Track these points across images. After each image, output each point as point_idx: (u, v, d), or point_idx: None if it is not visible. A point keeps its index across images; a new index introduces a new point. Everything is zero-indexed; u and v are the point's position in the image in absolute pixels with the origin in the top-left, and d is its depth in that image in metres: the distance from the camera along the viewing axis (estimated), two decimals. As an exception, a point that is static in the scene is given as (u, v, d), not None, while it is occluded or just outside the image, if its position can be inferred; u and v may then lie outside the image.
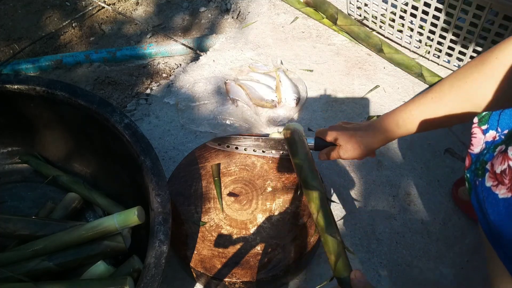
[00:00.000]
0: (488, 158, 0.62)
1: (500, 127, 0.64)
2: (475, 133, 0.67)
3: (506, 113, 0.64)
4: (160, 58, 1.45)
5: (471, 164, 0.66)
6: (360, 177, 1.07)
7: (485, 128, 0.66)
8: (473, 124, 0.68)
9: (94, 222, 0.83)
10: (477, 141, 0.67)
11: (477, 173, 0.63)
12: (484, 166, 0.61)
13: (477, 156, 0.65)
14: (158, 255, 0.71)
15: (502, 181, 0.56)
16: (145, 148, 0.81)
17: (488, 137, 0.65)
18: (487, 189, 0.59)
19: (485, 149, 0.64)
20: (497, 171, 0.57)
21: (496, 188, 0.57)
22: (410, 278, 0.92)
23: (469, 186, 0.64)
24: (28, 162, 1.03)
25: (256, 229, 0.87)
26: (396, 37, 1.34)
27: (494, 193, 0.57)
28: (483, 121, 0.67)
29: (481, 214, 0.61)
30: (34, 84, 0.89)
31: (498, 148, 0.61)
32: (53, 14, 1.61)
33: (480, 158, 0.64)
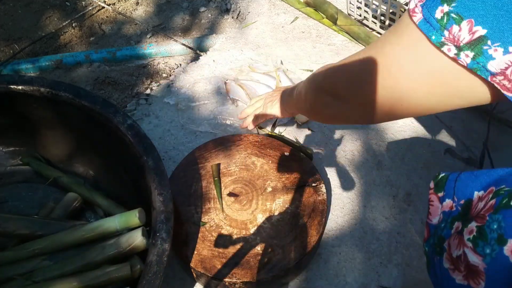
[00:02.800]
0: (446, 234, 0.58)
1: (456, 195, 0.59)
2: (432, 200, 0.63)
3: (462, 180, 0.59)
4: (160, 58, 1.45)
5: (429, 237, 0.62)
6: (360, 177, 1.07)
7: (441, 195, 0.61)
8: (430, 190, 0.63)
9: (95, 223, 0.83)
10: (434, 210, 0.62)
11: (435, 249, 0.59)
12: (442, 244, 0.58)
13: (435, 229, 0.61)
14: (160, 253, 0.71)
15: (459, 268, 0.53)
16: (147, 148, 0.82)
17: (445, 207, 0.61)
18: (445, 271, 0.56)
19: (442, 221, 0.60)
20: (454, 255, 0.54)
21: (453, 272, 0.54)
22: (410, 278, 0.92)
23: (427, 260, 0.61)
24: (30, 164, 1.03)
25: (256, 229, 0.87)
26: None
27: (451, 277, 0.54)
28: (439, 186, 0.62)
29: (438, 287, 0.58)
30: (38, 85, 0.89)
31: (455, 224, 0.57)
32: (53, 14, 1.61)
33: (438, 232, 0.60)
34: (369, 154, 1.11)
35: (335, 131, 1.16)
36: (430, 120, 1.16)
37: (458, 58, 0.46)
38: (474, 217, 0.53)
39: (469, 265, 0.50)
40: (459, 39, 0.45)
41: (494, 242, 0.48)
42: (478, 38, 0.44)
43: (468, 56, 0.46)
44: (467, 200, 0.57)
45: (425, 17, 0.47)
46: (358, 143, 1.13)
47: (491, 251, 0.48)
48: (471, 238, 0.51)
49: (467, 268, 0.51)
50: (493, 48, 0.44)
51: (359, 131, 1.15)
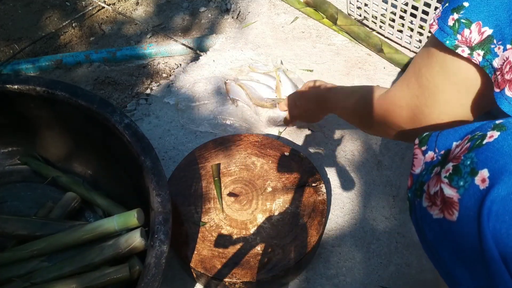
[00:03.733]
0: (426, 179, 0.62)
1: (437, 147, 0.64)
2: (416, 154, 0.67)
3: (443, 134, 0.64)
4: (160, 58, 1.45)
5: (412, 185, 0.67)
6: (360, 177, 1.07)
7: (424, 149, 0.66)
8: (415, 145, 0.68)
9: (94, 223, 0.83)
10: (417, 161, 0.67)
11: (416, 193, 0.64)
12: (422, 187, 0.62)
13: (417, 176, 0.66)
14: (158, 255, 0.71)
15: (435, 202, 0.57)
16: (145, 148, 0.81)
17: (427, 158, 0.65)
18: (423, 209, 0.60)
19: (424, 170, 0.65)
20: (431, 193, 0.58)
21: (431, 208, 0.58)
22: (410, 278, 0.92)
23: (409, 206, 0.66)
24: (28, 163, 1.03)
25: (256, 229, 0.87)
26: (396, 37, 1.34)
27: (429, 213, 0.59)
28: (422, 142, 0.67)
29: (420, 233, 0.63)
30: (34, 84, 0.88)
31: (435, 169, 0.62)
32: (53, 14, 1.61)
33: (420, 179, 0.65)
34: (369, 154, 1.11)
35: (335, 131, 1.15)
36: (430, 120, 1.16)
37: (472, 57, 0.54)
38: (451, 160, 0.58)
39: (445, 198, 0.55)
40: (471, 40, 0.53)
41: (467, 175, 0.53)
42: (487, 38, 0.52)
43: (480, 54, 0.53)
44: (446, 150, 0.62)
45: (440, 27, 0.57)
46: (358, 143, 1.13)
47: (464, 183, 0.53)
48: (447, 175, 0.56)
49: (442, 201, 0.56)
50: (497, 46, 0.50)
51: (359, 131, 1.15)
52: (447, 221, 0.55)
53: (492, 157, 0.52)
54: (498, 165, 0.50)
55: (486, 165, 0.51)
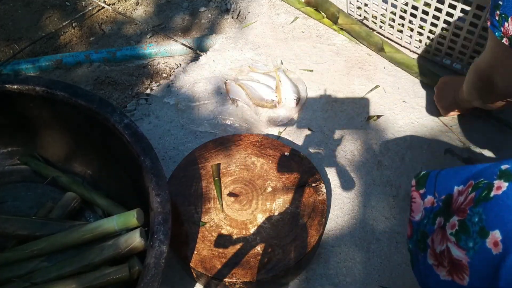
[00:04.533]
0: (429, 230, 0.58)
1: (437, 191, 0.60)
2: (414, 197, 0.64)
3: (443, 175, 0.61)
4: (160, 58, 1.45)
5: (413, 234, 0.62)
6: (360, 177, 1.07)
7: (422, 192, 0.62)
8: (412, 188, 0.64)
9: (94, 223, 0.83)
10: (416, 206, 0.63)
11: (419, 246, 0.60)
12: (426, 240, 0.58)
13: (417, 225, 0.62)
14: (158, 255, 0.71)
15: (442, 263, 0.53)
16: (145, 148, 0.81)
17: (426, 203, 0.61)
18: (429, 267, 0.56)
19: (425, 218, 0.61)
20: (437, 251, 0.54)
21: (438, 268, 0.54)
22: (410, 278, 0.91)
23: (411, 257, 0.62)
24: (28, 163, 1.03)
25: (256, 229, 0.87)
26: (396, 37, 1.34)
27: (436, 273, 0.55)
28: (420, 183, 0.63)
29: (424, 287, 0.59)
30: (34, 84, 0.88)
31: (438, 220, 0.57)
32: (53, 14, 1.61)
33: (421, 228, 0.60)
34: (369, 154, 1.11)
35: (335, 131, 1.15)
36: (430, 120, 1.16)
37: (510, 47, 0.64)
38: (455, 211, 0.54)
39: (453, 259, 0.51)
40: (509, 31, 0.63)
41: (476, 235, 0.49)
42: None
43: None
44: (447, 195, 0.58)
45: (491, 22, 0.66)
46: (358, 143, 1.13)
47: (473, 244, 0.49)
48: (453, 232, 0.52)
49: (450, 263, 0.51)
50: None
51: (359, 131, 1.15)
52: (456, 284, 0.51)
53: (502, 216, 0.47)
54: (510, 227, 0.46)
55: (497, 225, 0.47)
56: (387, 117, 1.17)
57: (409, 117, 1.17)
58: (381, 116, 1.18)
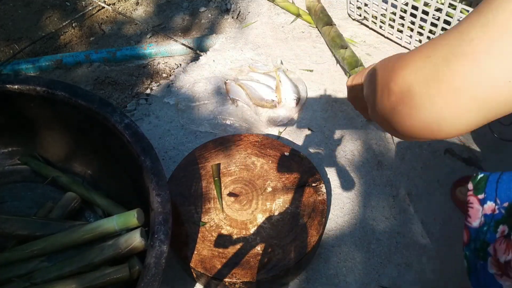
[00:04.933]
0: (490, 239, 0.56)
1: (499, 198, 0.57)
2: (472, 202, 0.61)
3: (504, 181, 0.58)
4: (160, 58, 1.45)
5: (470, 242, 0.60)
6: (360, 177, 1.07)
7: (482, 197, 0.59)
8: (469, 191, 0.62)
9: (94, 223, 0.83)
10: (474, 212, 0.60)
11: (478, 254, 0.57)
12: (486, 248, 0.55)
13: (476, 233, 0.59)
14: (158, 255, 0.71)
15: (507, 273, 0.51)
16: (145, 148, 0.81)
17: (486, 209, 0.59)
18: (490, 276, 0.54)
19: (484, 225, 0.58)
20: (501, 260, 0.52)
21: (501, 278, 0.52)
22: (410, 278, 0.92)
23: (468, 266, 0.59)
24: (28, 163, 1.03)
25: (256, 229, 0.87)
26: (396, 37, 1.34)
27: (498, 283, 0.53)
28: (479, 189, 0.60)
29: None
30: (34, 84, 0.88)
31: (500, 228, 0.55)
32: (53, 14, 1.61)
33: (481, 236, 0.58)
34: (369, 154, 1.11)
35: (335, 131, 1.15)
36: (430, 120, 1.16)
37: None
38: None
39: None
40: None
41: None
42: None
43: None
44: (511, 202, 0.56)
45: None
46: (358, 143, 1.13)
47: None
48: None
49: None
50: None
51: (359, 131, 1.15)
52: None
53: None
54: None
55: None
56: (387, 117, 1.17)
57: (409, 117, 1.17)
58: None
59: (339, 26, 1.42)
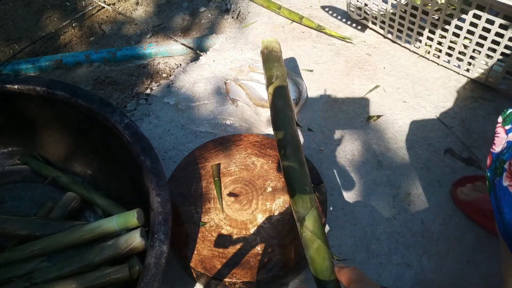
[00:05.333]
0: (507, 157, 0.61)
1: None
2: (498, 132, 0.66)
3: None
4: (160, 58, 1.45)
5: (492, 163, 0.65)
6: (360, 177, 1.07)
7: (508, 128, 0.65)
8: (497, 124, 0.67)
9: (94, 223, 0.83)
10: (499, 140, 0.66)
11: (496, 172, 0.62)
12: (503, 165, 0.60)
13: (497, 155, 0.64)
14: (158, 255, 0.71)
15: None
16: (145, 148, 0.81)
17: (510, 137, 0.64)
18: (504, 188, 0.58)
19: (505, 148, 0.63)
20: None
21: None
22: (410, 278, 0.92)
23: (489, 185, 0.64)
24: (28, 163, 1.03)
25: (256, 229, 0.87)
26: (396, 37, 1.34)
27: (510, 193, 0.57)
28: (507, 121, 0.66)
29: (497, 212, 0.61)
30: (34, 84, 0.88)
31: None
32: (53, 14, 1.61)
33: (500, 157, 0.63)
34: (369, 154, 1.11)
35: (335, 131, 1.15)
36: (430, 120, 1.16)
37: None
38: None
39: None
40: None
41: None
42: None
43: None
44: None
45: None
46: (358, 143, 1.13)
47: None
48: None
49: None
50: None
51: (359, 131, 1.15)
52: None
53: None
54: None
55: None
56: (387, 117, 1.17)
57: (409, 117, 1.17)
58: (381, 116, 1.18)
59: (339, 26, 1.42)
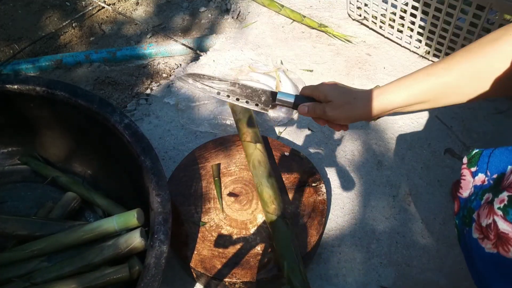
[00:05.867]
0: (475, 206, 0.59)
1: (489, 170, 0.61)
2: (464, 175, 0.64)
3: (496, 155, 0.61)
4: (160, 58, 1.45)
5: (460, 210, 0.63)
6: (360, 177, 1.07)
7: (474, 170, 0.63)
8: (462, 165, 0.65)
9: (94, 224, 0.83)
10: (466, 184, 0.64)
11: (464, 221, 0.60)
12: (471, 215, 0.59)
13: (465, 202, 0.63)
14: (158, 255, 0.71)
15: (488, 235, 0.54)
16: (145, 148, 0.81)
17: (477, 181, 0.62)
18: (474, 241, 0.57)
19: (473, 194, 0.61)
20: (483, 224, 0.55)
21: (483, 241, 0.55)
22: (410, 278, 0.92)
23: (458, 233, 0.63)
24: (28, 163, 1.03)
25: (256, 229, 0.87)
26: (396, 37, 1.34)
27: (481, 246, 0.56)
28: (472, 162, 0.64)
29: (469, 262, 0.60)
30: (34, 84, 0.88)
31: (486, 196, 0.58)
32: (53, 14, 1.61)
33: (468, 204, 0.61)
34: (369, 154, 1.11)
35: (335, 131, 1.15)
36: (430, 120, 1.16)
37: None
38: (506, 187, 0.54)
39: (499, 233, 0.52)
40: None
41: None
42: None
43: None
44: (500, 174, 0.58)
45: None
46: (358, 143, 1.13)
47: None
48: (501, 207, 0.52)
49: (496, 236, 0.52)
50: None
51: (359, 131, 1.15)
52: (502, 257, 0.52)
53: None
54: None
55: None
56: (387, 117, 1.17)
57: (409, 117, 1.17)
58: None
59: (339, 26, 1.42)
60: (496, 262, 0.53)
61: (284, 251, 0.78)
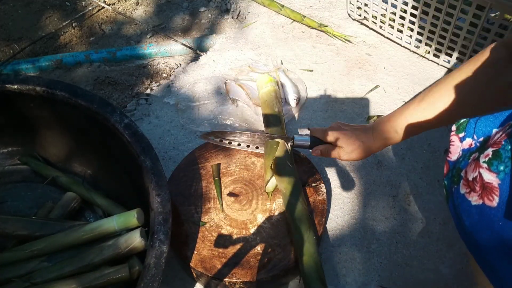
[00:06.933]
0: (463, 165, 0.62)
1: (476, 134, 0.64)
2: (453, 140, 0.68)
3: (482, 121, 0.64)
4: (160, 58, 1.45)
5: (448, 171, 0.66)
6: (360, 177, 1.07)
7: (462, 135, 0.67)
8: (451, 132, 0.68)
9: (94, 224, 0.83)
10: (454, 148, 0.67)
11: (453, 180, 0.63)
12: (459, 173, 0.62)
13: (454, 164, 0.66)
14: (158, 255, 0.71)
15: (474, 188, 0.57)
16: (145, 148, 0.81)
17: (464, 145, 0.65)
18: (461, 196, 0.60)
19: (461, 157, 0.64)
20: (470, 179, 0.58)
21: (469, 195, 0.58)
22: (410, 278, 0.92)
23: (446, 193, 0.65)
24: (28, 163, 1.03)
25: (256, 229, 0.87)
26: (396, 37, 1.34)
27: (467, 200, 0.58)
28: (460, 129, 0.67)
29: (457, 220, 0.62)
30: (34, 84, 0.88)
31: (472, 155, 0.61)
32: (53, 14, 1.61)
33: (456, 165, 0.64)
34: (369, 154, 1.11)
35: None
36: (430, 120, 1.16)
37: None
38: (491, 145, 0.58)
39: (484, 183, 0.55)
40: None
41: (508, 160, 0.53)
42: None
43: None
44: (485, 137, 0.62)
45: None
46: (358, 143, 1.13)
47: (504, 167, 0.53)
48: (486, 160, 0.56)
49: (481, 187, 0.55)
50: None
51: (359, 131, 1.15)
52: (486, 207, 0.55)
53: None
54: None
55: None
56: (387, 117, 1.17)
57: (409, 117, 1.17)
58: (381, 116, 1.18)
59: (339, 26, 1.42)
60: (481, 214, 0.56)
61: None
